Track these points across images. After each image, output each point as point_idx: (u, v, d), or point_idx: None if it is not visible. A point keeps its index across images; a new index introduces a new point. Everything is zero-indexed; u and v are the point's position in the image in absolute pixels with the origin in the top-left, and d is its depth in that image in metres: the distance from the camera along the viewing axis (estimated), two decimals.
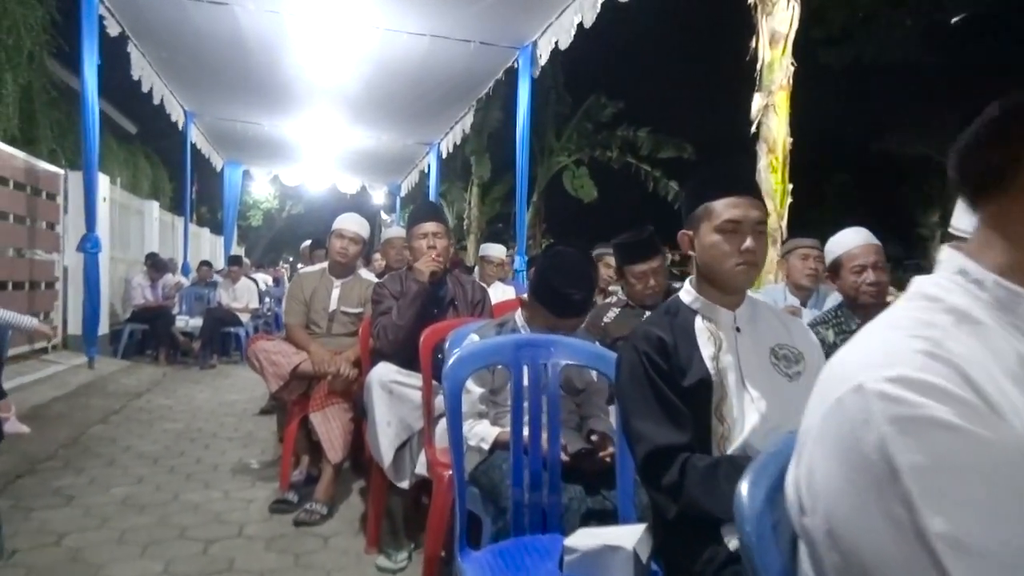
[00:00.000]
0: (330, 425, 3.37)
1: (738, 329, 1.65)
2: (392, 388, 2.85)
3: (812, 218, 14.62)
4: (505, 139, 16.83)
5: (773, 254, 5.73)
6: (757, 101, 5.37)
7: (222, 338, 9.03)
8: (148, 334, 8.97)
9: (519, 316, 2.36)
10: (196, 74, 8.14)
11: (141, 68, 7.51)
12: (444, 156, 10.91)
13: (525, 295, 2.32)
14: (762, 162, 5.37)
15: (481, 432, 2.13)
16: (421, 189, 14.67)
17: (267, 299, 10.77)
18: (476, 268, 6.21)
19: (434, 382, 2.77)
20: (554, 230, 21.40)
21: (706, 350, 1.62)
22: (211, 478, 3.93)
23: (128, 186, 14.71)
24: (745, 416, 1.58)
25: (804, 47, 6.08)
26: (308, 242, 7.58)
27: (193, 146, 11.01)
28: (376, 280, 3.87)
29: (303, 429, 3.66)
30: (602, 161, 18.87)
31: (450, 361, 1.90)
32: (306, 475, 3.67)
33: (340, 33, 6.43)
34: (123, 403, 5.94)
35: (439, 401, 2.78)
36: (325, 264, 3.96)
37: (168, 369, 8.22)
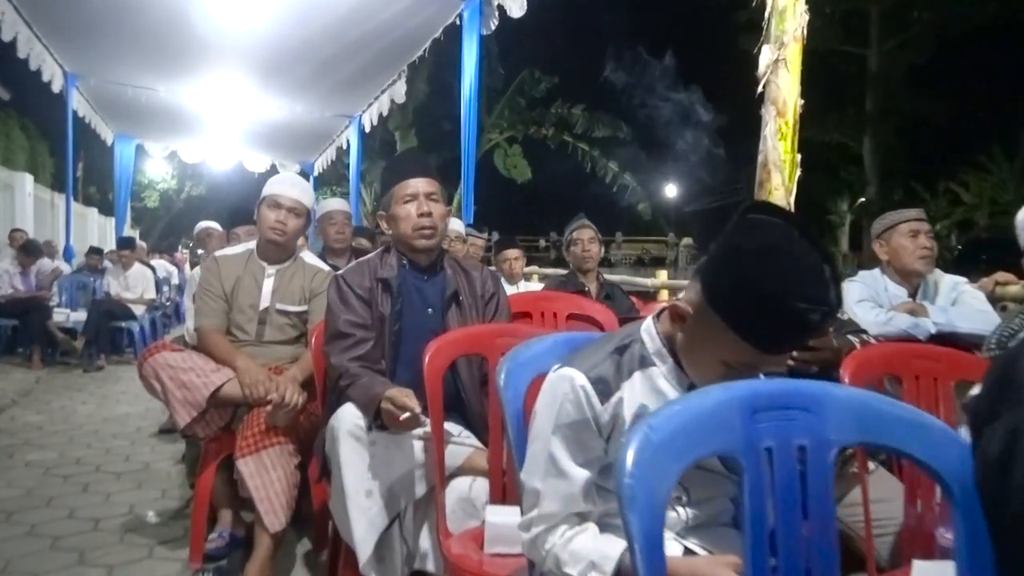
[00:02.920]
0: (268, 476, 2.29)
1: None
2: (375, 438, 1.82)
3: None
4: (431, 113, 15.77)
5: None
6: (765, 55, 4.53)
7: (112, 334, 7.70)
8: (19, 330, 7.56)
9: (649, 335, 1.27)
10: (77, 25, 6.74)
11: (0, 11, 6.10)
12: (366, 131, 9.81)
13: (679, 300, 1.19)
14: (769, 127, 4.51)
15: (587, 551, 1.10)
16: (338, 168, 13.44)
17: (166, 288, 9.48)
18: None
19: (447, 426, 1.80)
20: (485, 214, 20.48)
21: None
22: (88, 545, 2.75)
23: None
24: None
25: (725, 32, 5.42)
26: (205, 224, 6.01)
27: (76, 115, 9.52)
28: (325, 267, 2.85)
29: (223, 474, 2.61)
30: (536, 139, 17.94)
31: (630, 454, 0.84)
32: (230, 538, 2.62)
33: None
34: None
35: (451, 452, 1.82)
36: (252, 245, 2.87)
37: (43, 373, 6.86)
